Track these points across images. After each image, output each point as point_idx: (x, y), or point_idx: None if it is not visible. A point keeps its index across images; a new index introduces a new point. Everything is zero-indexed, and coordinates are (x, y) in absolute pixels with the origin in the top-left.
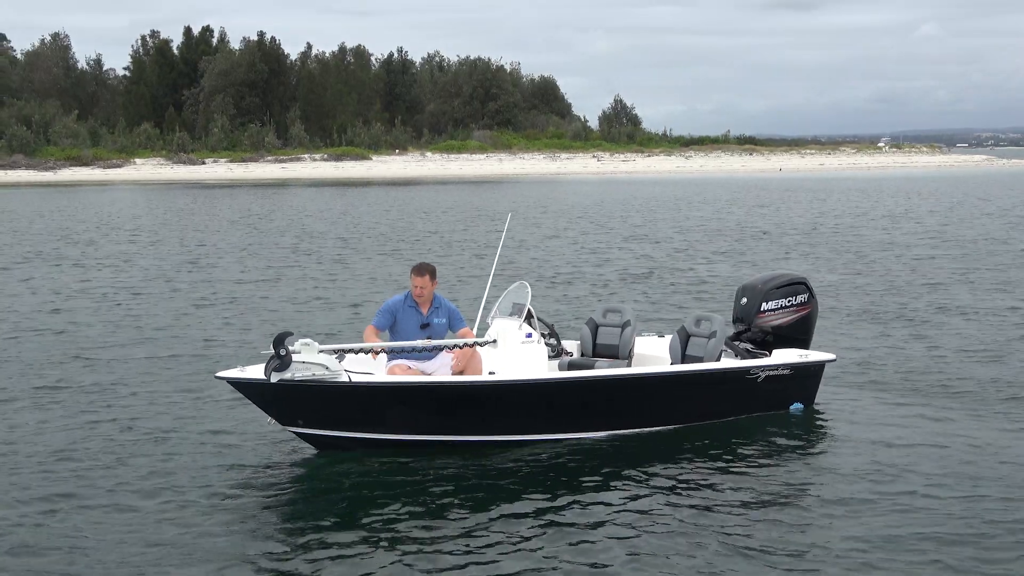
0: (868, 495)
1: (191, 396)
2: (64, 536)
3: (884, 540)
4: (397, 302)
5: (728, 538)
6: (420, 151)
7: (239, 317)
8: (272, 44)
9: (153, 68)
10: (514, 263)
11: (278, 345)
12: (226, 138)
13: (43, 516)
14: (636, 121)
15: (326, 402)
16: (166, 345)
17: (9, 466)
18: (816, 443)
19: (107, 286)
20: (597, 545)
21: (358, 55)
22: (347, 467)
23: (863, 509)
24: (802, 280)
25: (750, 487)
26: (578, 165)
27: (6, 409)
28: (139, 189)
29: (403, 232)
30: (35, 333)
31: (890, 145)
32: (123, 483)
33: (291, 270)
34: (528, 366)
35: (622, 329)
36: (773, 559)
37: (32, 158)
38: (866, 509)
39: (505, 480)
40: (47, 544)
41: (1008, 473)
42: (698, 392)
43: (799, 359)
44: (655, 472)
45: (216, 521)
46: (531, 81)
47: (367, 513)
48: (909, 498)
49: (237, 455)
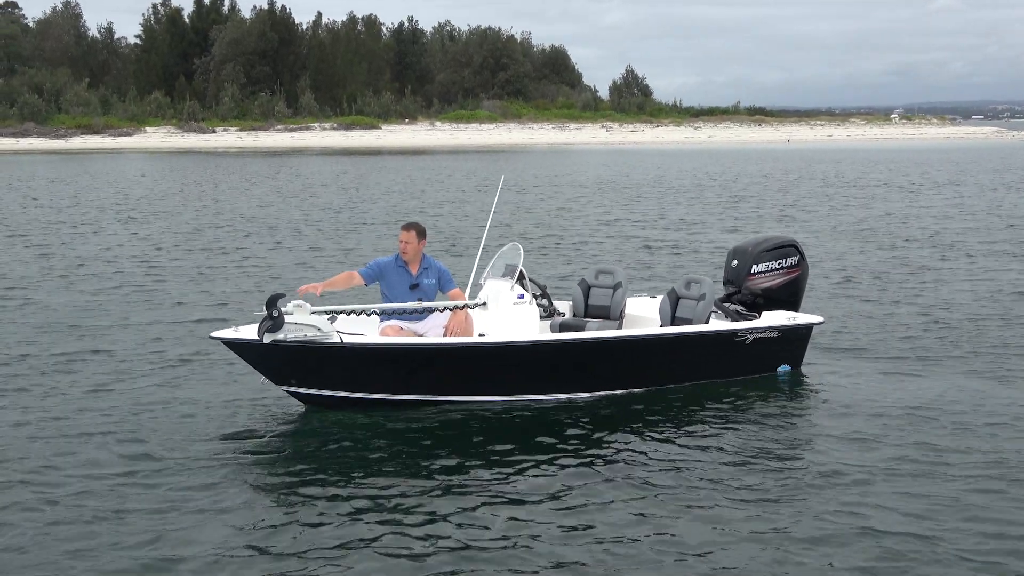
0: (853, 458)
1: (187, 356)
2: (51, 502)
3: (872, 504)
4: (387, 261)
5: (713, 500)
6: (429, 120)
7: (243, 280)
8: (283, 13)
9: (164, 37)
10: (528, 235)
11: (271, 306)
12: (236, 107)
13: (37, 485)
14: (647, 92)
15: (318, 362)
16: (168, 308)
17: (13, 435)
18: (802, 405)
19: (119, 255)
20: (581, 506)
21: (369, 24)
22: (339, 426)
23: (847, 470)
24: (792, 243)
25: (734, 448)
26: (587, 135)
27: (9, 372)
28: (149, 157)
29: (421, 201)
30: (27, 301)
31: (901, 117)
32: (119, 442)
33: (298, 237)
34: (519, 327)
35: (614, 290)
36: (758, 522)
37: (43, 126)
38: (850, 470)
39: (494, 440)
40: (36, 515)
41: (996, 431)
42: (687, 354)
43: (786, 322)
44: (643, 432)
45: (209, 477)
46: (542, 51)
47: (357, 472)
48: (895, 460)
49: (232, 412)
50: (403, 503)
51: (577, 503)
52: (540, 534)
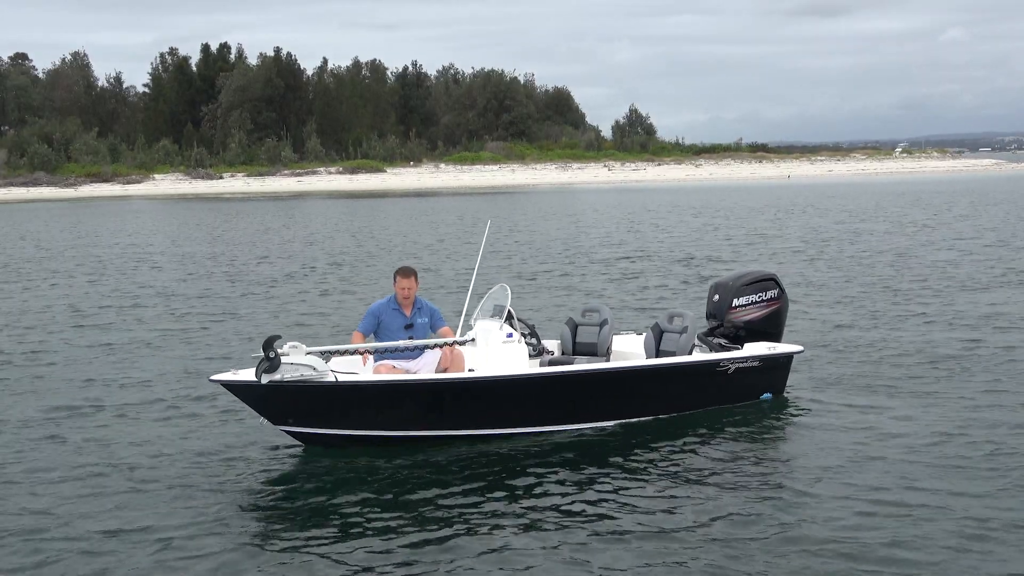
0: (833, 482)
1: (188, 398)
2: (60, 536)
3: (850, 527)
4: (381, 306)
5: (694, 526)
6: (434, 163)
7: (241, 326)
8: (288, 59)
9: (172, 85)
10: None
11: (267, 348)
12: (243, 153)
13: (38, 517)
14: (650, 130)
15: (314, 401)
16: (169, 351)
17: (18, 460)
18: (784, 431)
19: (129, 293)
20: (570, 534)
21: (374, 69)
22: (335, 463)
23: (827, 495)
24: (771, 276)
25: (718, 475)
26: (589, 175)
27: (15, 389)
28: (157, 203)
29: (421, 242)
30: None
31: (903, 150)
32: (120, 479)
33: (305, 278)
34: (509, 364)
35: (600, 327)
36: (742, 545)
37: (53, 175)
38: (829, 495)
39: (485, 472)
40: (40, 545)
41: (974, 459)
42: (671, 384)
43: (767, 351)
44: (630, 463)
45: (210, 515)
46: (545, 92)
47: (354, 508)
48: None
49: (230, 453)
50: (399, 539)
51: (563, 531)
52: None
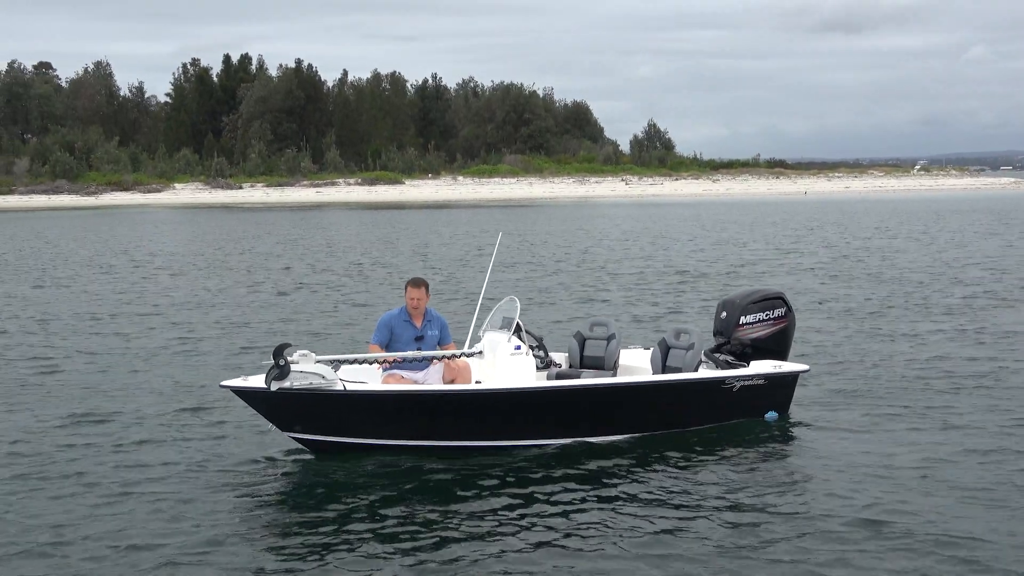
0: (836, 500)
1: (200, 404)
2: (69, 542)
3: (853, 549)
4: (392, 316)
5: (698, 542)
6: (452, 175)
7: (257, 331)
8: (309, 71)
9: (193, 95)
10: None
11: (277, 356)
12: (263, 163)
13: (50, 518)
14: (669, 145)
15: (322, 409)
16: (182, 357)
17: (26, 469)
18: (786, 450)
19: (147, 300)
20: (572, 546)
21: (393, 81)
22: (343, 471)
23: (830, 513)
24: (779, 295)
25: (719, 492)
26: (606, 189)
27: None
28: (177, 212)
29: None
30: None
31: (921, 168)
32: (129, 483)
33: (322, 287)
34: (516, 376)
35: (607, 342)
36: (742, 562)
37: (75, 183)
38: (832, 513)
39: (491, 483)
40: (50, 547)
41: (982, 482)
42: (676, 400)
43: (772, 370)
44: (632, 477)
45: (217, 520)
46: (564, 106)
47: (360, 515)
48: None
49: (239, 458)
50: (404, 546)
51: (566, 542)
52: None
